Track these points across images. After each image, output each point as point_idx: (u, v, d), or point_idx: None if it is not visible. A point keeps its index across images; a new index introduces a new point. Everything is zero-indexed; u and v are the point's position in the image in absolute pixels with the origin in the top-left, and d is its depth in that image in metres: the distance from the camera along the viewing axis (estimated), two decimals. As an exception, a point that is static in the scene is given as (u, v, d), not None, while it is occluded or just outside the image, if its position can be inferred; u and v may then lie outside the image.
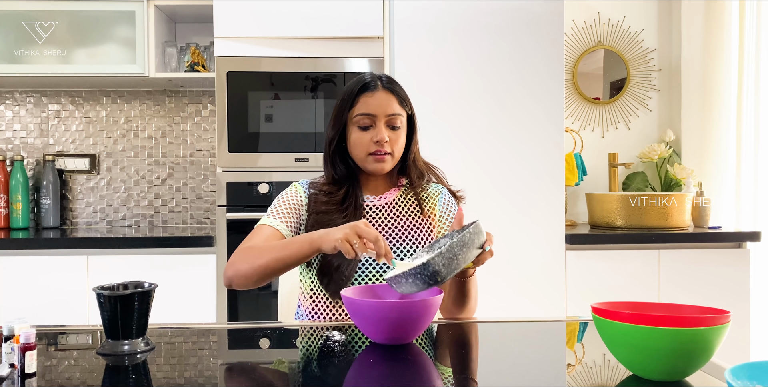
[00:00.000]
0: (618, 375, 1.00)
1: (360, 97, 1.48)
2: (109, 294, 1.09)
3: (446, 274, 1.10)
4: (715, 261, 2.57)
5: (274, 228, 1.47)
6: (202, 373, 1.04)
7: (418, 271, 1.10)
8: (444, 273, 1.10)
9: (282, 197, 1.54)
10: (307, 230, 1.48)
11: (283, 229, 1.47)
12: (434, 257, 1.09)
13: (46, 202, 2.90)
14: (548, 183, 2.51)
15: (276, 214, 1.50)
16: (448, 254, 1.10)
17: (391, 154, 1.48)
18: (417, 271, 1.10)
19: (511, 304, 2.46)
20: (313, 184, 1.56)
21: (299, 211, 1.51)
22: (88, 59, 2.66)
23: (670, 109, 3.17)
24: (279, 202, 1.53)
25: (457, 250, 1.11)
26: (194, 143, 3.05)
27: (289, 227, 1.49)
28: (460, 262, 1.12)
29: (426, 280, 1.10)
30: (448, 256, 1.10)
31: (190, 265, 2.46)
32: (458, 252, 1.11)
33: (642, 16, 3.16)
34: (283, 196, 1.54)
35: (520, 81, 2.51)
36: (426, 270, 1.09)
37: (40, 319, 2.19)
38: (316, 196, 1.52)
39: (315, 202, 1.51)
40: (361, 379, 1.00)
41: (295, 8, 2.48)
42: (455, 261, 1.11)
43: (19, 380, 0.96)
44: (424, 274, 1.09)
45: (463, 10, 2.49)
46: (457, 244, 1.11)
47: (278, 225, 1.47)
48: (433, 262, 1.09)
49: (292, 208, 1.51)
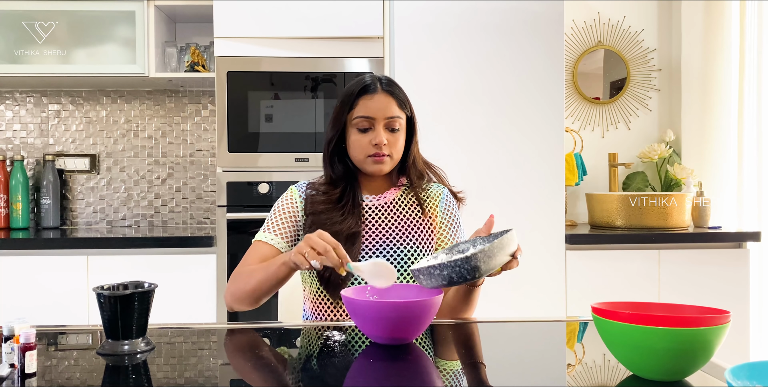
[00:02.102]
0: (618, 375, 1.00)
1: (359, 99, 1.48)
2: (109, 294, 1.09)
3: (484, 271, 1.11)
4: (715, 261, 2.57)
5: (268, 244, 1.48)
6: (202, 373, 1.04)
7: (458, 264, 1.10)
8: (483, 270, 1.11)
9: (277, 207, 1.54)
10: (305, 232, 1.49)
11: (278, 242, 1.48)
12: (477, 253, 1.10)
13: (46, 202, 2.90)
14: (548, 183, 2.51)
15: (271, 227, 1.50)
16: (489, 252, 1.11)
17: (390, 156, 1.48)
18: (457, 264, 1.10)
19: (511, 304, 2.46)
20: (311, 184, 1.56)
21: (295, 217, 1.51)
22: (88, 59, 2.66)
23: (670, 109, 3.17)
24: (274, 212, 1.53)
25: (497, 251, 1.13)
26: (194, 143, 3.05)
27: (285, 238, 1.49)
28: (495, 263, 1.13)
29: (463, 274, 1.11)
30: (489, 255, 1.11)
31: (190, 265, 2.46)
32: (497, 252, 1.13)
33: (642, 16, 3.16)
34: (278, 205, 1.54)
35: (520, 81, 2.51)
36: (467, 264, 1.10)
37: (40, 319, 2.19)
38: (313, 196, 1.52)
39: (312, 203, 1.51)
40: (361, 379, 1.00)
41: (295, 8, 2.48)
42: (493, 261, 1.12)
43: (19, 380, 0.96)
44: (464, 268, 1.10)
45: (463, 10, 2.49)
46: (497, 245, 1.12)
47: (272, 239, 1.48)
48: (475, 257, 1.10)
49: (286, 217, 1.51)
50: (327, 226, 1.44)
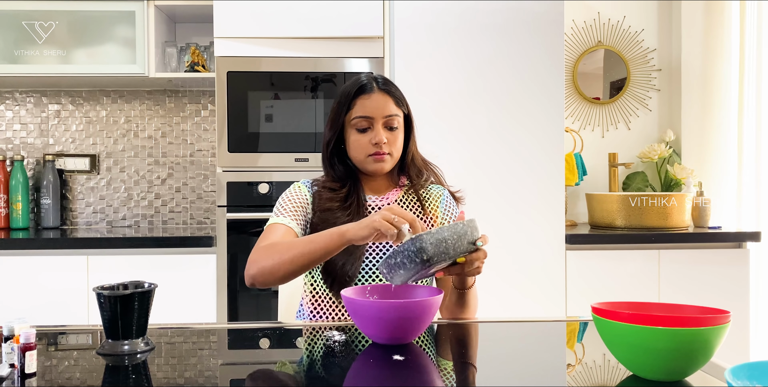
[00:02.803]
0: (618, 375, 1.00)
1: (357, 99, 1.48)
2: (109, 294, 1.09)
3: (433, 253, 1.11)
4: (715, 261, 2.57)
5: (287, 225, 1.46)
6: (202, 373, 1.04)
7: (406, 247, 1.11)
8: (431, 251, 1.10)
9: (287, 196, 1.53)
10: (312, 229, 1.48)
11: (295, 226, 1.47)
12: (423, 234, 1.10)
13: (46, 202, 2.90)
14: (548, 183, 2.51)
15: (285, 212, 1.49)
16: (437, 235, 1.11)
17: (390, 155, 1.49)
18: (405, 247, 1.11)
19: (511, 303, 2.46)
20: (316, 181, 1.56)
21: (306, 209, 1.51)
22: (88, 59, 2.66)
23: (670, 109, 3.17)
24: (284, 200, 1.52)
25: (447, 235, 1.12)
26: (194, 143, 3.05)
27: (300, 225, 1.48)
28: (449, 247, 1.12)
29: (412, 258, 1.11)
30: (437, 237, 1.11)
31: (190, 265, 2.46)
32: (448, 236, 1.12)
33: (642, 16, 3.16)
34: (288, 194, 1.53)
35: (520, 81, 2.51)
36: (413, 245, 1.10)
37: (40, 319, 2.19)
38: (320, 193, 1.52)
39: (320, 200, 1.51)
40: (361, 379, 1.00)
41: (295, 8, 2.48)
42: (444, 244, 1.11)
43: (19, 380, 0.96)
44: (411, 250, 1.11)
45: (462, 10, 2.49)
46: (448, 228, 1.12)
47: (289, 222, 1.47)
48: (420, 238, 1.10)
49: (298, 206, 1.50)
50: (334, 224, 1.44)
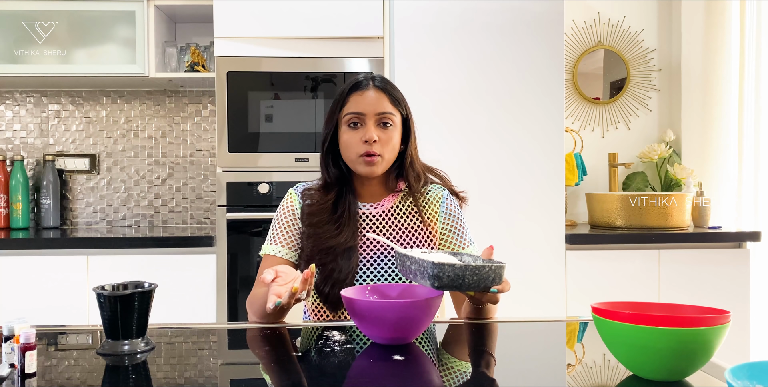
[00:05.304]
0: (618, 375, 1.00)
1: (350, 96, 1.46)
2: (109, 294, 1.09)
3: (446, 284, 1.10)
4: (715, 261, 2.57)
5: (276, 256, 1.47)
6: (202, 373, 1.04)
7: (423, 266, 1.11)
8: (444, 282, 1.09)
9: (278, 215, 1.52)
10: (303, 242, 1.48)
11: (285, 253, 1.48)
12: (446, 265, 1.09)
13: (46, 202, 2.90)
14: (548, 183, 2.51)
15: (275, 237, 1.49)
16: (458, 271, 1.09)
17: (381, 156, 1.44)
18: (423, 265, 1.11)
19: (511, 303, 2.45)
20: (306, 190, 1.53)
21: (297, 225, 1.50)
22: (88, 59, 2.66)
23: (670, 109, 3.17)
24: (276, 222, 1.52)
25: (468, 273, 1.10)
26: (194, 143, 3.05)
27: (292, 247, 1.49)
28: (463, 285, 1.11)
29: (425, 278, 1.11)
30: (457, 273, 1.09)
31: (190, 265, 2.46)
32: (468, 275, 1.10)
33: (642, 16, 3.16)
34: (279, 213, 1.52)
35: (521, 81, 2.51)
36: (432, 269, 1.09)
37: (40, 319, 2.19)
38: (309, 206, 1.49)
39: (308, 214, 1.48)
40: (361, 379, 1.00)
41: (295, 8, 2.48)
42: (460, 281, 1.10)
43: (19, 380, 0.96)
44: (427, 272, 1.10)
45: (463, 9, 2.49)
46: (473, 268, 1.10)
47: (279, 251, 1.47)
48: (442, 268, 1.08)
49: (288, 226, 1.50)
50: (322, 239, 1.43)
